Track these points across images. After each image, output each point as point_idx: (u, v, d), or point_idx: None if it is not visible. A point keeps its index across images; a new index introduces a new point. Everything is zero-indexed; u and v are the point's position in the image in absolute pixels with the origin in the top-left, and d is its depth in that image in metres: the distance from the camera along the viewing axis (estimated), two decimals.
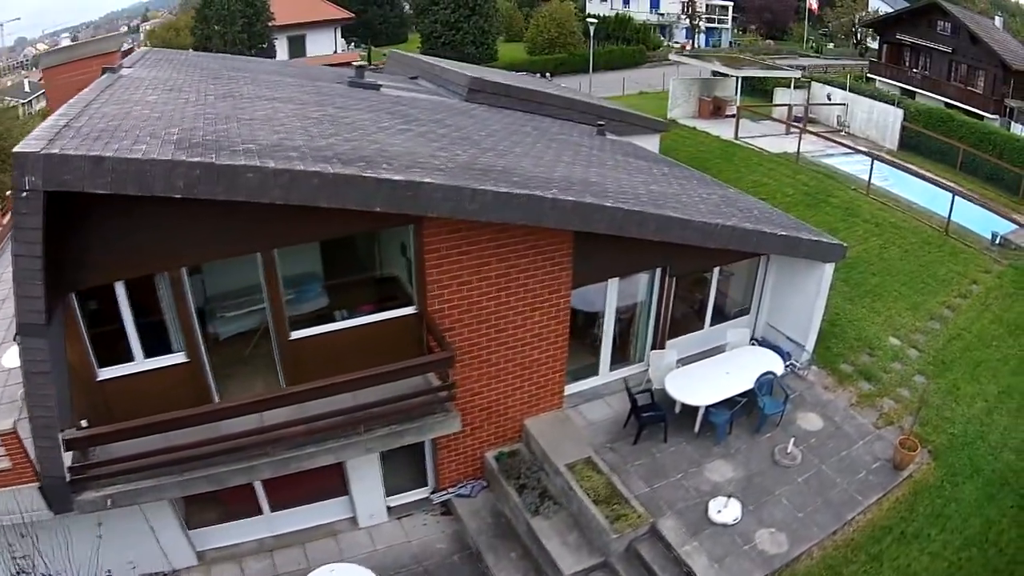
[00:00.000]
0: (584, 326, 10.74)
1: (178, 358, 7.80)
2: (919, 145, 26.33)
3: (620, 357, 11.31)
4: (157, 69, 12.29)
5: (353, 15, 49.34)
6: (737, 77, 25.36)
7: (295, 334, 8.11)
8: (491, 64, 44.94)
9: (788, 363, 12.07)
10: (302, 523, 9.37)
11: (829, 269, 11.58)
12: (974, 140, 25.46)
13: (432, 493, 9.96)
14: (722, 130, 25.08)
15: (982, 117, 32.96)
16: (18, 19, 60.48)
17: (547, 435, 9.71)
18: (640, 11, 61.85)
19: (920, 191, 21.03)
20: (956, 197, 18.80)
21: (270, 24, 39.27)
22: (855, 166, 21.92)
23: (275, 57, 39.55)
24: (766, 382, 10.66)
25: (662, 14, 59.27)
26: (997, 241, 19.04)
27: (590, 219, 8.32)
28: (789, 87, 26.68)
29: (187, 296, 7.49)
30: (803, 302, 11.95)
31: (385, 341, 8.36)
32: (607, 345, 10.91)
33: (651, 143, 18.71)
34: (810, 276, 11.71)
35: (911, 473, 10.17)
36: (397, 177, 6.85)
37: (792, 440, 10.19)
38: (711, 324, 12.27)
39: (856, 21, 52.39)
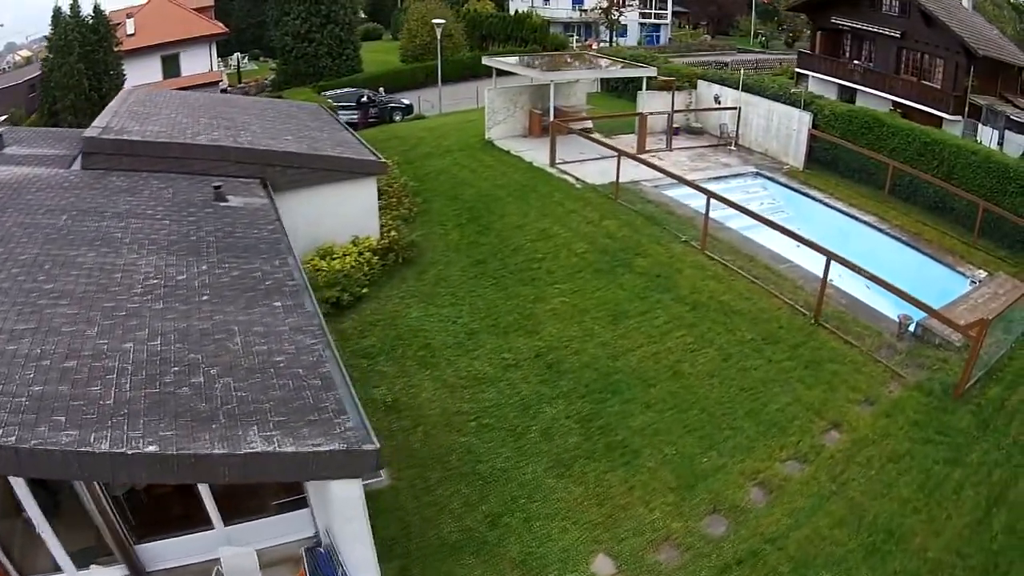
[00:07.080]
0: None
1: None
2: (835, 160, 20.71)
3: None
4: None
5: (226, 30, 46.99)
6: (551, 82, 19.44)
7: None
8: (353, 76, 40.44)
9: None
10: None
11: (340, 492, 5.82)
12: (912, 153, 19.61)
13: None
14: (547, 153, 19.09)
15: (940, 120, 27.22)
16: (2, 25, 58.48)
17: None
18: (561, 8, 57.38)
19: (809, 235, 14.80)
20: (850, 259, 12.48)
21: (118, 50, 37.01)
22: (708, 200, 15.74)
23: (123, 86, 37.14)
24: None
25: (585, 10, 54.36)
26: (912, 330, 12.47)
27: None
28: (644, 89, 20.62)
29: None
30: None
31: None
32: None
33: (355, 193, 14.27)
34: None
35: None
36: None
37: None
38: (228, 523, 7.33)
39: None
